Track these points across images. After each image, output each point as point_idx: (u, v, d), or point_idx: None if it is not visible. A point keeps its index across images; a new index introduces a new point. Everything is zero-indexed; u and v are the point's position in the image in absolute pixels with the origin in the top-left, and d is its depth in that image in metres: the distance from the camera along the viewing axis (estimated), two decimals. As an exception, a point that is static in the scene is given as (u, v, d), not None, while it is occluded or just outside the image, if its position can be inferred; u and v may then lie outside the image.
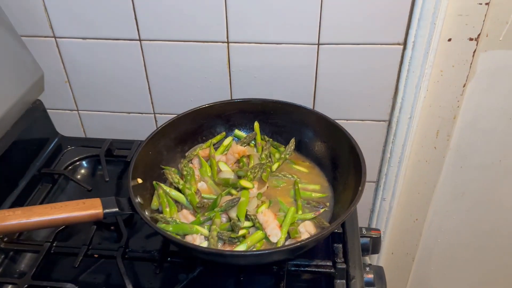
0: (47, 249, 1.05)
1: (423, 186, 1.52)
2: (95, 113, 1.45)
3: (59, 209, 0.88)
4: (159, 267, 1.00)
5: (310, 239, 0.86)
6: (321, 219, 1.00)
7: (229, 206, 0.97)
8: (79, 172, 1.33)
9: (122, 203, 0.96)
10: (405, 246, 1.71)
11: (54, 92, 1.40)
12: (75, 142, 1.40)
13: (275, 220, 0.96)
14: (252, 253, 0.86)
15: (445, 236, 1.68)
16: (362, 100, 1.30)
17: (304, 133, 1.17)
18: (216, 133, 1.22)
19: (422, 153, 1.44)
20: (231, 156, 1.14)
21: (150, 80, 1.34)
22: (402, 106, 1.29)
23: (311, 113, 1.15)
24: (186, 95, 1.35)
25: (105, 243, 1.11)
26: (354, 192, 0.97)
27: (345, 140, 1.06)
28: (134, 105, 1.41)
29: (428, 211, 1.58)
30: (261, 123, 1.21)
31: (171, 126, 1.15)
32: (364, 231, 1.16)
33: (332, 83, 1.26)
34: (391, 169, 1.43)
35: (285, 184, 1.09)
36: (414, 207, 1.58)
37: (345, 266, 0.97)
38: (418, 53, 1.19)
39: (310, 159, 1.16)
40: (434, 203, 1.56)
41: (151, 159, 1.11)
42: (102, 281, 1.02)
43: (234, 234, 0.95)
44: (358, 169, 0.99)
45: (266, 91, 1.28)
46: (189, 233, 0.97)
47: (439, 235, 1.68)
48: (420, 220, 1.62)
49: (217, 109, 1.19)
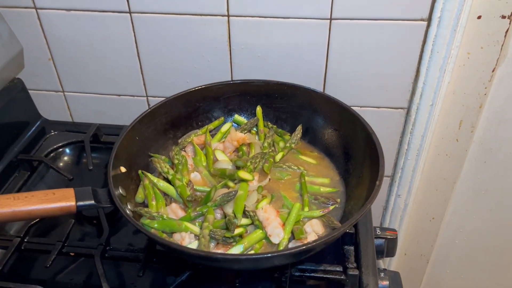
0: (17, 245, 0.93)
1: (442, 182, 1.41)
2: (82, 95, 1.34)
3: (23, 200, 0.76)
4: (143, 269, 0.89)
5: (318, 242, 0.73)
6: (330, 217, 0.89)
7: (225, 200, 0.87)
8: (62, 160, 1.22)
9: (99, 195, 0.84)
10: (419, 247, 1.61)
11: (36, 70, 1.29)
12: (59, 127, 1.30)
13: (278, 218, 0.87)
14: (248, 257, 0.73)
15: (464, 237, 1.57)
16: (378, 84, 1.18)
17: (312, 120, 1.08)
18: (213, 118, 1.13)
19: (442, 146, 1.32)
20: (229, 144, 1.05)
21: (141, 58, 1.22)
22: (424, 92, 1.16)
23: (321, 97, 1.05)
24: (181, 76, 1.23)
25: (85, 239, 1.00)
26: (369, 187, 0.85)
27: (361, 128, 0.95)
28: (125, 86, 1.30)
29: (446, 209, 1.48)
30: (264, 108, 1.12)
31: (162, 109, 1.05)
32: (378, 231, 1.05)
33: (345, 64, 1.15)
34: (408, 163, 1.31)
35: (290, 177, 1.00)
36: (431, 205, 1.48)
37: (357, 273, 0.85)
38: (444, 30, 1.06)
39: (319, 149, 1.07)
40: (453, 201, 1.46)
41: (138, 145, 1.00)
42: (78, 283, 0.91)
43: (229, 233, 0.83)
44: (375, 160, 0.88)
45: (271, 73, 1.19)
46: (177, 230, 0.86)
47: (457, 236, 1.57)
48: (437, 219, 1.51)
49: (215, 91, 1.10)
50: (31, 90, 1.29)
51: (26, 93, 1.26)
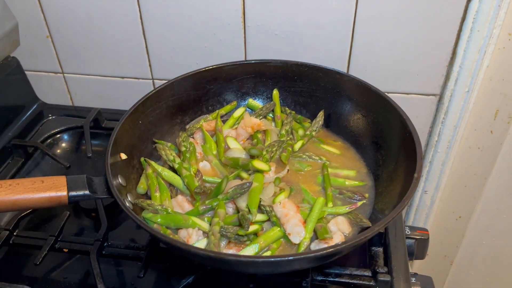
0: (5, 239, 0.85)
1: (472, 178, 1.32)
2: (83, 77, 1.26)
3: (6, 188, 0.66)
4: (144, 269, 0.80)
5: (347, 244, 0.62)
6: (358, 214, 0.81)
7: (238, 192, 0.79)
8: (60, 146, 1.14)
9: (95, 184, 0.75)
10: (443, 247, 1.53)
11: (34, 49, 1.21)
12: (57, 111, 1.23)
13: (298, 214, 0.79)
14: (266, 260, 0.62)
15: (492, 238, 1.48)
16: (408, 67, 1.10)
17: (336, 105, 1.00)
18: (225, 102, 1.06)
19: (474, 138, 1.24)
20: (242, 130, 0.98)
21: (147, 37, 1.15)
22: (459, 76, 1.07)
23: (347, 79, 0.97)
24: (190, 57, 1.16)
25: (81, 234, 0.92)
26: (405, 181, 0.77)
27: (393, 114, 0.87)
28: (129, 68, 1.22)
29: (475, 207, 1.39)
30: (281, 91, 1.04)
31: (169, 90, 0.97)
32: (408, 231, 0.97)
33: (372, 44, 1.07)
34: (438, 156, 1.22)
35: (311, 168, 0.93)
36: (458, 203, 1.39)
37: (389, 279, 0.75)
38: (487, 6, 0.97)
39: (343, 138, 1.00)
40: (483, 199, 1.37)
41: (140, 130, 0.93)
42: (71, 282, 0.83)
43: (243, 230, 0.73)
44: (411, 150, 0.79)
45: (289, 53, 1.11)
46: (183, 226, 0.78)
47: (485, 236, 1.48)
48: (464, 218, 1.43)
49: (227, 72, 1.02)
50: (28, 71, 1.23)
51: (22, 74, 1.18)
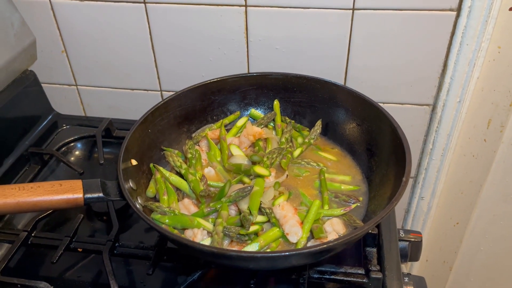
0: (23, 239, 0.89)
1: (468, 185, 1.34)
2: (96, 89, 1.30)
3: (28, 190, 0.72)
4: (153, 267, 0.84)
5: (339, 241, 0.67)
6: (352, 216, 0.84)
7: (240, 196, 0.82)
8: (73, 154, 1.19)
9: (108, 187, 0.80)
10: (442, 253, 1.54)
11: (50, 63, 1.26)
12: (71, 121, 1.27)
13: (296, 216, 0.82)
14: (264, 255, 0.67)
15: (490, 244, 1.49)
16: (402, 79, 1.13)
17: (333, 114, 1.03)
18: (229, 112, 1.09)
19: (468, 146, 1.26)
20: (245, 138, 1.01)
21: (156, 51, 1.19)
22: (451, 87, 1.11)
23: (342, 90, 1.00)
24: (197, 69, 1.19)
25: (94, 235, 0.96)
26: (395, 185, 0.80)
27: (385, 122, 0.90)
28: (139, 80, 1.26)
29: (471, 214, 1.41)
30: (281, 102, 1.07)
31: (176, 101, 1.01)
32: (402, 233, 0.99)
33: (367, 57, 1.10)
34: (433, 163, 1.25)
35: (309, 174, 0.95)
36: (455, 209, 1.41)
37: (381, 276, 0.79)
38: (475, 22, 1.01)
39: (340, 146, 1.03)
40: (480, 205, 1.39)
41: (150, 138, 0.96)
42: (85, 280, 0.87)
43: (244, 230, 0.77)
44: (401, 156, 0.83)
45: (289, 66, 1.15)
46: (189, 227, 0.81)
47: (483, 242, 1.50)
48: (462, 224, 1.45)
49: (231, 84, 1.05)
50: (44, 83, 1.27)
51: (39, 86, 1.23)
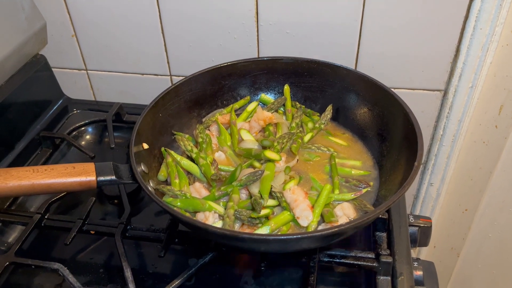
0: (37, 222, 0.90)
1: (478, 171, 1.33)
2: (106, 74, 1.30)
3: (42, 173, 0.72)
4: (165, 249, 0.85)
5: (350, 225, 0.68)
6: (363, 201, 0.83)
7: (251, 180, 0.82)
8: (84, 138, 1.19)
9: (120, 170, 0.80)
10: (450, 240, 1.54)
11: (60, 47, 1.26)
12: (81, 105, 1.27)
13: (306, 200, 0.81)
14: (276, 238, 0.68)
15: (498, 231, 1.48)
16: (414, 64, 1.11)
17: (344, 99, 1.02)
18: (239, 96, 1.08)
19: (479, 133, 1.25)
20: (255, 123, 1.00)
21: (166, 35, 1.18)
22: (463, 72, 1.09)
23: (354, 75, 0.99)
24: (206, 54, 1.19)
25: (106, 218, 0.97)
26: (406, 170, 0.80)
27: (397, 107, 0.89)
28: (149, 65, 1.26)
29: (480, 201, 1.39)
30: (292, 87, 1.07)
31: (186, 85, 1.00)
32: (412, 218, 0.99)
33: (378, 42, 1.09)
34: (443, 149, 1.24)
35: (319, 159, 0.95)
36: (464, 196, 1.40)
37: (391, 260, 0.79)
38: (489, 5, 0.99)
39: (351, 131, 1.02)
40: (489, 192, 1.37)
41: (161, 122, 0.96)
42: (97, 261, 0.88)
43: (255, 213, 0.78)
44: (413, 141, 0.82)
45: (299, 51, 1.14)
46: (201, 210, 0.81)
47: (491, 229, 1.48)
48: (470, 211, 1.43)
49: (241, 68, 1.05)
50: (54, 68, 1.27)
51: (50, 71, 1.23)
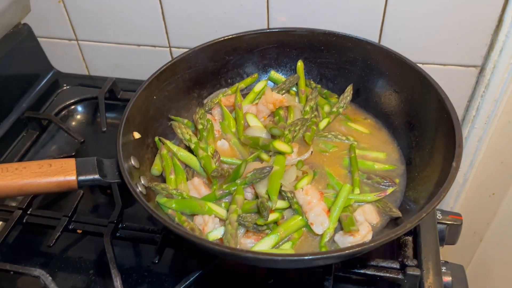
0: (18, 218, 0.81)
1: (510, 154, 1.23)
2: (98, 45, 1.19)
3: (12, 173, 0.62)
4: (159, 254, 0.75)
5: (376, 243, 0.56)
6: (387, 203, 0.75)
7: (257, 177, 0.73)
8: (74, 118, 1.10)
9: (105, 167, 0.70)
10: (473, 224, 1.46)
11: (46, 15, 1.14)
12: (73, 80, 1.18)
13: (322, 202, 0.73)
14: (285, 259, 0.57)
15: None
16: (447, 36, 0.99)
17: (366, 79, 0.92)
18: (245, 74, 0.99)
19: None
20: (263, 107, 0.91)
21: (163, 1, 1.05)
22: (505, 46, 0.98)
23: (379, 50, 0.88)
24: (209, 24, 1.07)
25: (97, 211, 0.88)
26: (441, 169, 0.69)
27: (430, 91, 0.78)
28: (145, 35, 1.15)
29: (510, 185, 1.30)
30: (306, 63, 0.96)
31: (185, 62, 0.90)
32: (440, 215, 0.90)
33: (407, 9, 0.96)
34: (474, 132, 1.13)
35: (337, 149, 0.86)
36: (492, 180, 1.31)
37: (419, 273, 0.70)
38: None
39: (374, 115, 0.93)
40: None
41: (155, 106, 0.86)
42: (84, 265, 0.80)
43: (262, 220, 0.67)
44: (449, 135, 0.72)
45: (316, 20, 1.01)
46: (199, 213, 0.72)
47: None
48: (498, 196, 1.35)
49: (248, 42, 0.95)
50: (41, 37, 1.16)
51: (35, 41, 1.13)
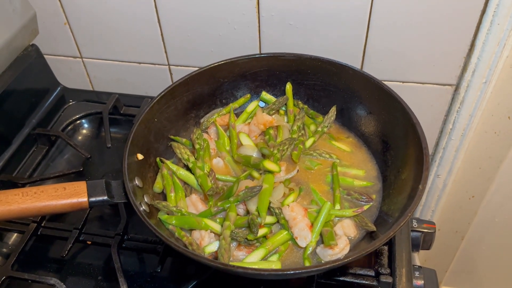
0: (33, 231, 0.89)
1: (487, 160, 1.30)
2: (102, 62, 1.25)
3: (31, 196, 0.70)
4: (161, 264, 0.83)
5: (350, 259, 0.65)
6: (364, 218, 0.81)
7: (248, 196, 0.80)
8: (80, 133, 1.16)
9: (113, 189, 0.78)
10: (455, 224, 1.53)
11: (53, 35, 1.21)
12: (78, 95, 1.23)
13: (305, 218, 0.79)
14: (272, 273, 0.66)
15: (505, 215, 1.47)
16: (425, 57, 1.06)
17: (348, 100, 0.97)
18: (239, 95, 1.04)
19: (491, 123, 1.20)
20: (255, 127, 0.97)
21: (162, 24, 1.13)
22: (477, 68, 1.03)
23: (360, 76, 0.93)
24: (205, 45, 1.13)
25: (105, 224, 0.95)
26: (411, 189, 0.75)
27: (402, 115, 0.84)
28: (145, 54, 1.20)
29: (488, 188, 1.37)
30: (294, 84, 1.02)
31: (183, 86, 0.95)
32: (415, 223, 0.97)
33: (388, 33, 1.03)
34: (451, 143, 1.20)
35: (321, 166, 0.92)
36: (472, 184, 1.38)
37: (391, 280, 0.78)
38: None
39: (355, 134, 0.98)
40: (498, 180, 1.35)
41: (156, 128, 0.92)
42: (95, 273, 0.87)
43: (252, 235, 0.75)
44: (418, 157, 0.78)
45: (303, 44, 1.08)
46: (197, 228, 0.79)
47: (498, 214, 1.47)
48: (477, 198, 1.42)
49: (241, 66, 0.99)
50: (48, 55, 1.22)
51: (42, 59, 1.18)
